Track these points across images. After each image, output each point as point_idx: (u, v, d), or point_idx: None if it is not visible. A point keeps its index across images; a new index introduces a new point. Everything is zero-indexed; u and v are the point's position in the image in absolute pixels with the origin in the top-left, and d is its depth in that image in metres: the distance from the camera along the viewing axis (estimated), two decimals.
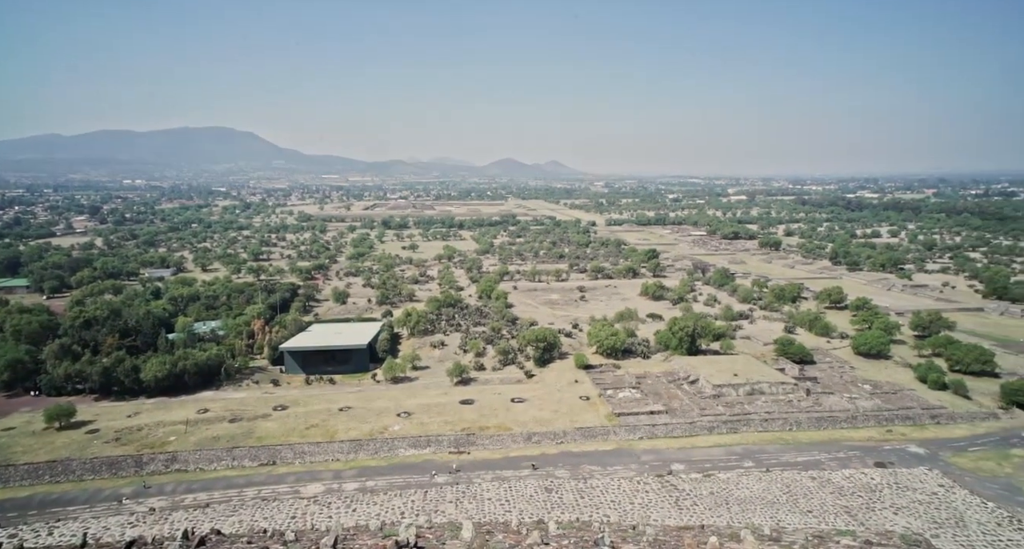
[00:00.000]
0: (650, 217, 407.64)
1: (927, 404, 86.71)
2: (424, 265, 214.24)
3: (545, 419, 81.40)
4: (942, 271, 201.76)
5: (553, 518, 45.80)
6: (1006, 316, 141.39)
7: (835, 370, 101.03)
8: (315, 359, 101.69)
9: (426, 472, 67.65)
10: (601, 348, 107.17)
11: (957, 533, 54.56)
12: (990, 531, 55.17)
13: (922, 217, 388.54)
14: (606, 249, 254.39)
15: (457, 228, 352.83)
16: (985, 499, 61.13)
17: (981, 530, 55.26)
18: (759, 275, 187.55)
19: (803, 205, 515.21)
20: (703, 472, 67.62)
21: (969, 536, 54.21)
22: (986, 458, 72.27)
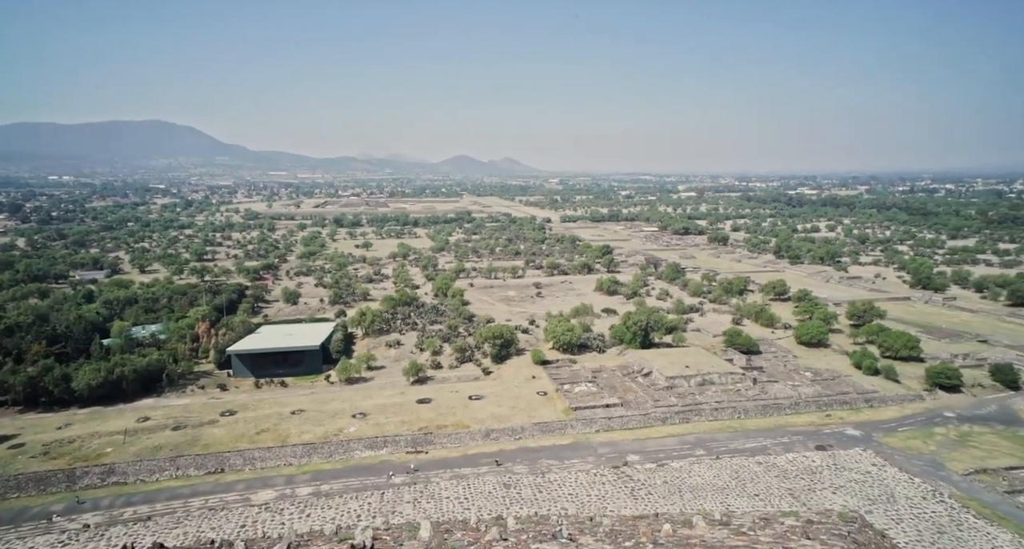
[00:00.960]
0: (604, 213, 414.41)
1: (862, 389, 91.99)
2: (378, 263, 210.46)
3: (503, 415, 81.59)
4: (874, 263, 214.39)
5: (512, 513, 45.90)
6: (930, 304, 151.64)
7: (779, 359, 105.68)
8: (265, 362, 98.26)
9: (383, 473, 66.60)
10: (558, 343, 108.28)
11: (888, 508, 58.23)
12: (916, 504, 59.19)
13: (856, 213, 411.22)
14: (561, 245, 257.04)
15: (412, 226, 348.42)
16: (912, 475, 65.49)
17: (908, 504, 59.19)
18: (708, 269, 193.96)
19: (748, 201, 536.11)
20: (657, 462, 69.46)
21: (898, 510, 57.97)
22: (913, 437, 77.38)
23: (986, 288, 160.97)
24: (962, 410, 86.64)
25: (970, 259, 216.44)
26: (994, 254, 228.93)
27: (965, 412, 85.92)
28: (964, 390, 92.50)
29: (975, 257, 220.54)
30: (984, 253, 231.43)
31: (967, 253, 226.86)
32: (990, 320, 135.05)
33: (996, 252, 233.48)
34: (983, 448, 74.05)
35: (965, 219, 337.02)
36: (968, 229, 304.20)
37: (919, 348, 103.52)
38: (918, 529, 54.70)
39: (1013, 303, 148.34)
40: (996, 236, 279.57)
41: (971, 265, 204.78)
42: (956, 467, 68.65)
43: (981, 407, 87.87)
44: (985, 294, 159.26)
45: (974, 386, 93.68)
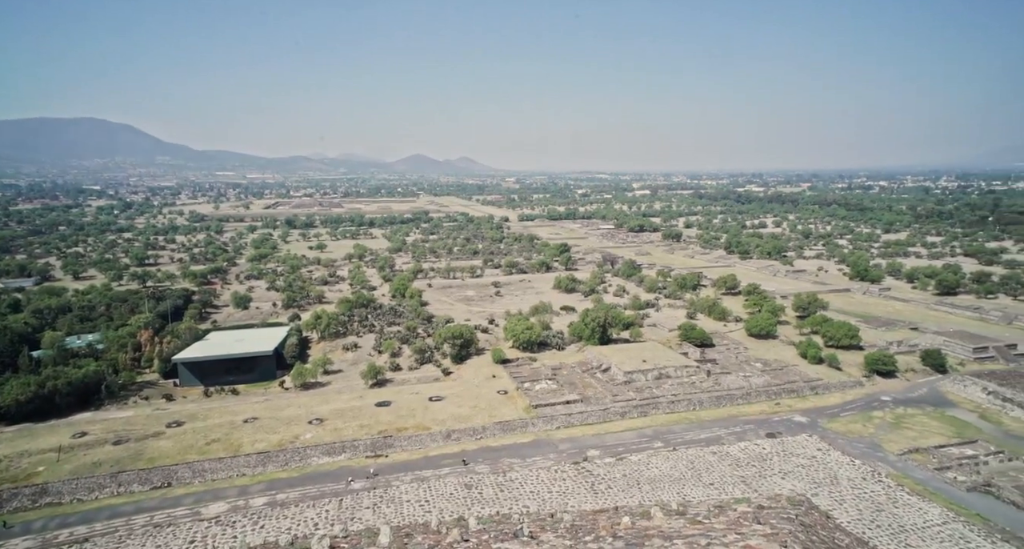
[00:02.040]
0: (561, 212, 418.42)
1: (807, 377, 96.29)
2: (333, 265, 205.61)
3: (464, 416, 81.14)
4: (817, 257, 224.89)
5: (473, 514, 45.68)
6: (867, 295, 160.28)
7: (731, 351, 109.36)
8: (215, 369, 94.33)
9: (341, 479, 65.06)
10: (517, 342, 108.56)
11: (832, 490, 61.19)
12: (857, 485, 62.45)
13: (800, 209, 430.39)
14: (519, 244, 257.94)
15: (367, 226, 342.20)
16: (853, 457, 69.05)
17: (850, 485, 62.39)
18: (663, 265, 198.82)
19: (700, 199, 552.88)
20: (616, 456, 70.60)
21: (841, 491, 61.01)
22: (854, 421, 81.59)
23: (916, 279, 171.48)
24: (897, 394, 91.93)
25: (902, 252, 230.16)
26: (923, 247, 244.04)
27: (900, 396, 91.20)
28: (899, 375, 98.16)
29: (906, 250, 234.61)
30: (914, 246, 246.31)
31: (899, 246, 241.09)
32: (920, 308, 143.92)
33: (925, 245, 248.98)
34: (916, 429, 78.82)
35: (897, 214, 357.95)
36: (900, 223, 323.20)
37: (859, 337, 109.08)
38: (859, 508, 57.71)
39: (940, 292, 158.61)
40: (924, 230, 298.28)
41: (903, 257, 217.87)
42: (892, 448, 72.80)
43: (914, 390, 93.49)
44: (916, 284, 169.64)
45: (907, 371, 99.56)
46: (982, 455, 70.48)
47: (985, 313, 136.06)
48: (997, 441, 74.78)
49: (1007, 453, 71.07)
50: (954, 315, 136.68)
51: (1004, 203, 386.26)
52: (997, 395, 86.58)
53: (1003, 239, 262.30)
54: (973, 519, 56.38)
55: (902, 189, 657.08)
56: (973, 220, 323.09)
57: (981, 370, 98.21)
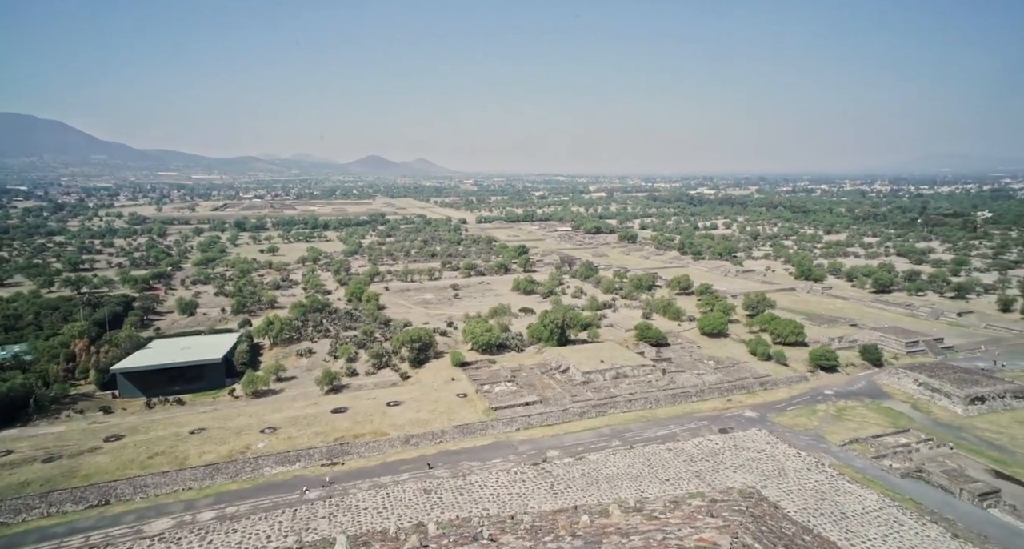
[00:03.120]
0: (519, 214, 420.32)
1: (757, 373, 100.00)
2: (286, 269, 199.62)
3: (423, 420, 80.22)
4: (765, 257, 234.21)
5: (433, 519, 45.13)
6: (811, 293, 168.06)
7: (686, 350, 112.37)
8: (158, 379, 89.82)
9: (296, 489, 63.04)
10: (476, 344, 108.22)
11: (780, 481, 63.72)
12: (803, 476, 65.27)
13: (748, 211, 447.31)
14: (478, 246, 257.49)
15: (322, 229, 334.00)
16: (799, 449, 72.13)
17: (797, 476, 65.15)
18: (619, 266, 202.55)
19: (654, 201, 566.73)
20: (575, 456, 71.29)
21: (788, 482, 63.62)
22: (800, 415, 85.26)
23: (855, 278, 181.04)
24: (839, 388, 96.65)
25: (842, 252, 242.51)
26: (861, 247, 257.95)
27: (841, 389, 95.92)
28: (840, 369, 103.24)
29: (846, 250, 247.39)
30: (853, 246, 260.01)
31: (840, 246, 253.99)
32: (859, 305, 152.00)
33: (862, 245, 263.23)
34: (856, 420, 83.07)
35: (837, 216, 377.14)
36: (840, 225, 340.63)
37: (804, 334, 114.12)
38: (804, 498, 60.32)
39: (876, 290, 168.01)
40: (861, 231, 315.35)
41: (843, 257, 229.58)
42: (834, 439, 76.46)
43: (853, 384, 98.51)
44: (854, 283, 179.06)
45: (848, 365, 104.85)
46: (914, 443, 74.93)
47: (916, 309, 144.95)
48: (927, 429, 79.67)
49: (935, 440, 75.83)
50: (889, 311, 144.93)
51: (931, 206, 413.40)
52: (927, 386, 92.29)
53: (930, 240, 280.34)
54: (906, 503, 59.86)
55: (841, 192, 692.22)
56: (904, 222, 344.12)
57: (913, 363, 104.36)
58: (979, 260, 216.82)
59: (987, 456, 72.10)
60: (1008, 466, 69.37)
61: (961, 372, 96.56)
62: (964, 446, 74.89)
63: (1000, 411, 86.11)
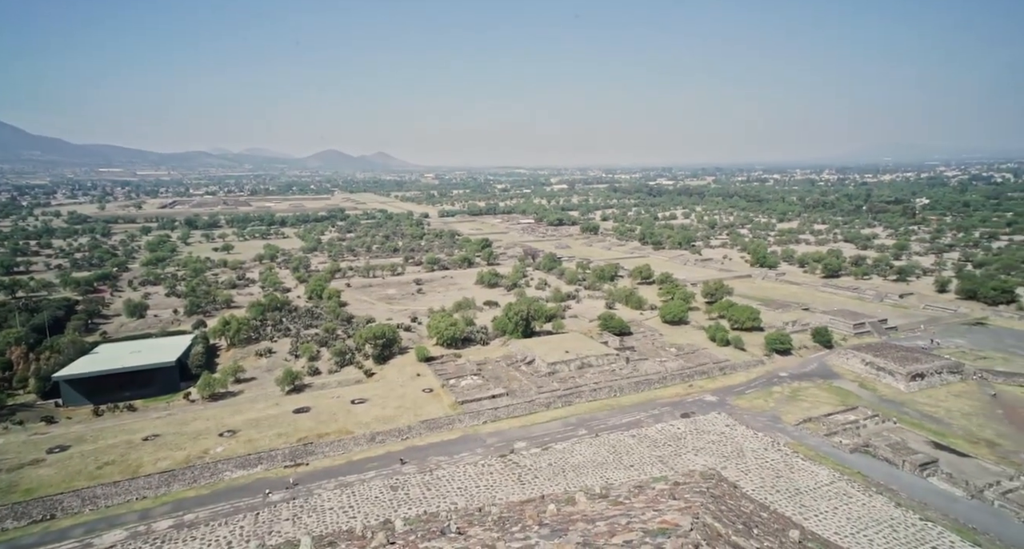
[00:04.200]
0: (481, 207, 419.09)
1: (717, 359, 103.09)
2: (242, 267, 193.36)
3: (388, 417, 79.42)
4: (722, 246, 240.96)
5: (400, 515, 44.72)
6: (767, 280, 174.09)
7: (648, 338, 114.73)
8: (106, 385, 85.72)
9: (258, 492, 61.51)
10: (441, 339, 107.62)
11: (739, 462, 66.08)
12: (760, 456, 67.86)
13: (706, 201, 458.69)
14: (441, 240, 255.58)
15: (279, 225, 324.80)
16: (756, 430, 74.92)
17: (754, 456, 67.69)
18: (582, 258, 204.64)
19: (615, 192, 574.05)
20: (542, 446, 72.01)
21: (747, 463, 66.04)
22: (757, 397, 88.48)
23: (806, 263, 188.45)
24: (793, 370, 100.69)
25: (794, 239, 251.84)
26: (811, 234, 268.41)
27: (795, 371, 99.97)
28: (794, 352, 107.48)
29: (797, 237, 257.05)
30: (804, 233, 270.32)
31: (791, 234, 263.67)
32: (810, 290, 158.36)
33: (813, 232, 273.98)
34: (809, 400, 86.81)
35: (789, 205, 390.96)
36: (791, 213, 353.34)
37: (760, 319, 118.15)
38: (761, 476, 62.75)
39: (826, 275, 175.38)
40: (812, 219, 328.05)
41: (795, 244, 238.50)
42: (789, 419, 79.73)
43: (806, 365, 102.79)
44: (806, 268, 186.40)
45: (801, 348, 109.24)
46: (861, 420, 78.90)
47: (862, 293, 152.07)
48: (873, 406, 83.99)
49: (881, 416, 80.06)
50: (838, 295, 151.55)
51: (875, 194, 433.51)
52: (872, 365, 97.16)
53: (875, 226, 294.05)
54: (855, 477, 63.06)
55: (792, 181, 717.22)
56: (851, 209, 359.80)
57: (860, 344, 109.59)
58: (918, 244, 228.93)
59: (926, 429, 76.60)
60: (945, 437, 73.90)
61: (903, 351, 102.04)
62: (906, 420, 79.32)
63: (937, 386, 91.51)
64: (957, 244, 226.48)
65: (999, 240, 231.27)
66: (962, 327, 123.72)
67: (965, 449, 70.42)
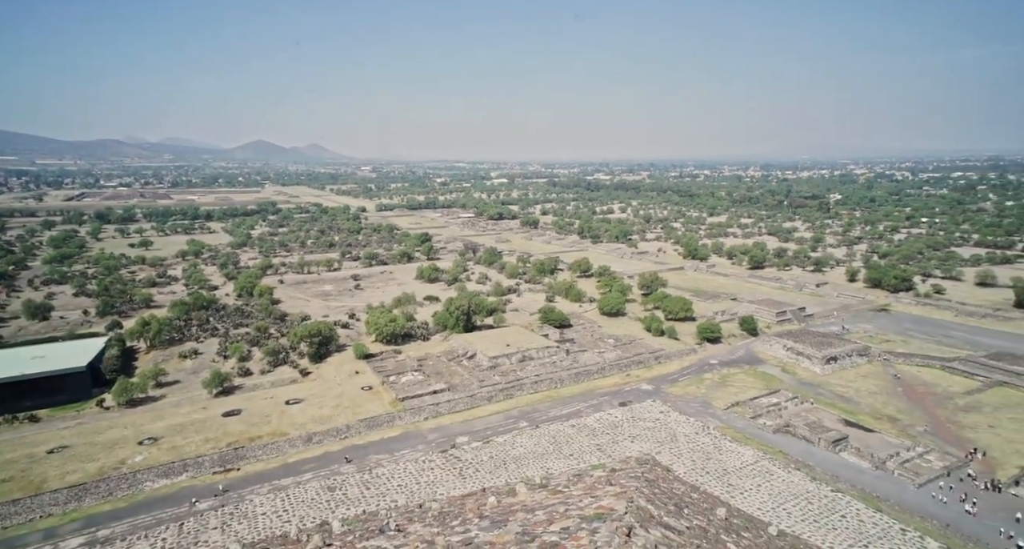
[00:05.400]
0: (420, 201, 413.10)
1: (652, 349, 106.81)
2: (163, 264, 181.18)
3: (326, 416, 77.03)
4: (657, 239, 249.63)
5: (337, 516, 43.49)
6: (698, 272, 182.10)
7: (587, 330, 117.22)
8: (2, 395, 77.98)
9: (183, 501, 58.03)
10: (381, 335, 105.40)
11: (672, 446, 68.95)
12: (692, 439, 71.11)
13: (641, 195, 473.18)
14: (379, 235, 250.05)
15: (204, 219, 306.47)
16: (688, 416, 78.40)
17: (687, 440, 70.83)
18: (523, 252, 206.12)
19: (554, 187, 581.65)
20: (484, 440, 72.13)
21: (679, 447, 69.03)
22: (690, 384, 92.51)
23: (734, 256, 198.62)
24: (722, 357, 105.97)
25: (723, 232, 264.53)
26: (738, 228, 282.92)
27: (724, 358, 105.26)
28: (723, 340, 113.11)
29: (726, 230, 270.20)
30: (732, 227, 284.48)
31: (720, 227, 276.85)
32: (737, 281, 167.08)
33: (740, 226, 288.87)
34: (737, 385, 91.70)
35: (718, 200, 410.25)
36: (720, 207, 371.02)
37: (692, 310, 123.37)
38: (693, 459, 65.80)
39: (752, 266, 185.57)
40: (739, 213, 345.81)
41: (724, 237, 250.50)
42: (719, 404, 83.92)
43: (734, 353, 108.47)
44: (734, 260, 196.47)
45: (729, 336, 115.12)
46: (783, 402, 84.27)
47: (784, 283, 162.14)
48: (793, 389, 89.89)
49: (800, 398, 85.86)
50: (762, 285, 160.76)
51: (794, 190, 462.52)
52: (793, 350, 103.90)
53: (795, 220, 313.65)
54: (776, 456, 67.33)
55: (721, 177, 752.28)
56: (773, 204, 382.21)
57: (782, 331, 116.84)
58: (832, 237, 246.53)
59: (839, 408, 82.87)
60: (854, 415, 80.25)
61: (819, 336, 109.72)
62: (822, 401, 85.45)
63: (848, 368, 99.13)
64: (865, 237, 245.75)
65: (900, 233, 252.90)
66: (869, 313, 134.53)
67: (871, 425, 76.72)
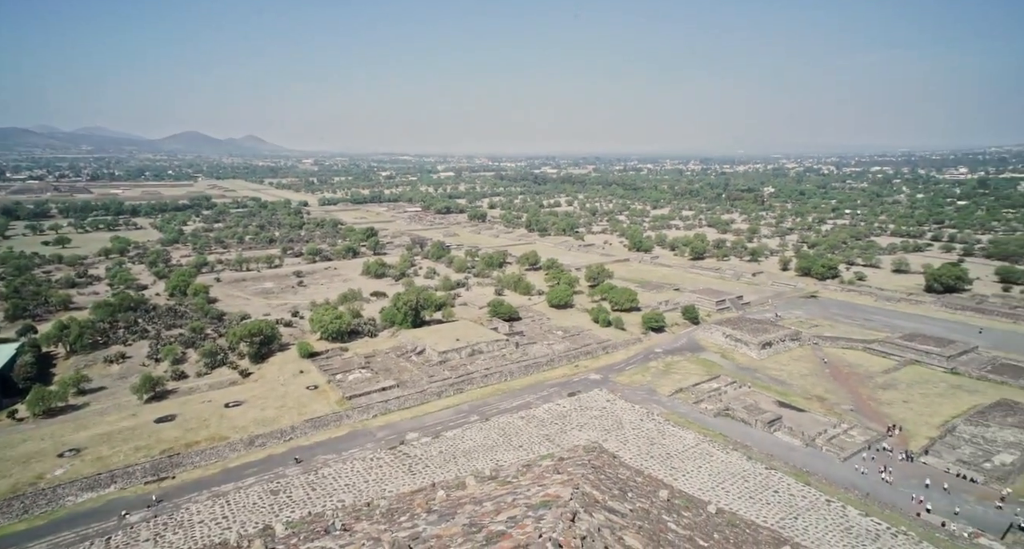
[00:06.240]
0: (365, 195, 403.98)
1: (600, 339, 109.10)
2: (83, 263, 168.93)
3: (269, 418, 74.35)
4: (603, 232, 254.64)
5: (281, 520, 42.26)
6: (643, 263, 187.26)
7: (536, 322, 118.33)
8: None
9: (112, 515, 54.63)
10: (326, 333, 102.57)
11: (618, 434, 70.89)
12: (637, 426, 73.34)
13: (587, 189, 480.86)
14: (322, 230, 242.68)
15: (129, 215, 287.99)
16: (634, 403, 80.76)
17: (632, 427, 73.00)
18: (471, 245, 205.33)
19: (501, 180, 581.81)
20: (434, 435, 71.71)
21: (625, 433, 71.06)
22: (636, 373, 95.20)
23: (676, 247, 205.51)
24: (666, 345, 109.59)
25: (666, 224, 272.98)
26: (680, 220, 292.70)
27: (668, 347, 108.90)
28: (667, 329, 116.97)
29: (669, 223, 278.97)
30: (674, 219, 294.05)
31: (664, 220, 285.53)
32: (680, 272, 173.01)
33: (681, 218, 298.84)
34: (680, 373, 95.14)
35: (661, 193, 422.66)
36: (663, 200, 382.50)
37: (637, 300, 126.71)
38: (638, 445, 67.92)
39: (693, 257, 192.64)
40: (680, 205, 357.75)
41: (667, 229, 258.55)
42: (664, 391, 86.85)
43: (677, 341, 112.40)
44: (676, 252, 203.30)
45: (673, 325, 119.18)
46: (723, 387, 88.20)
47: (723, 273, 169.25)
48: (732, 374, 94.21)
49: (738, 382, 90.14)
50: (703, 275, 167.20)
51: (732, 183, 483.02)
52: (731, 337, 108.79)
53: (732, 212, 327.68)
54: (716, 438, 70.49)
55: (663, 171, 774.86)
56: (713, 197, 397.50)
57: (721, 319, 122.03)
58: (766, 228, 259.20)
59: (774, 390, 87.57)
60: (788, 396, 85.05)
61: (755, 323, 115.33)
62: (758, 384, 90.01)
63: (782, 352, 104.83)
64: (796, 228, 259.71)
65: (826, 224, 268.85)
66: (800, 300, 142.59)
67: (803, 405, 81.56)
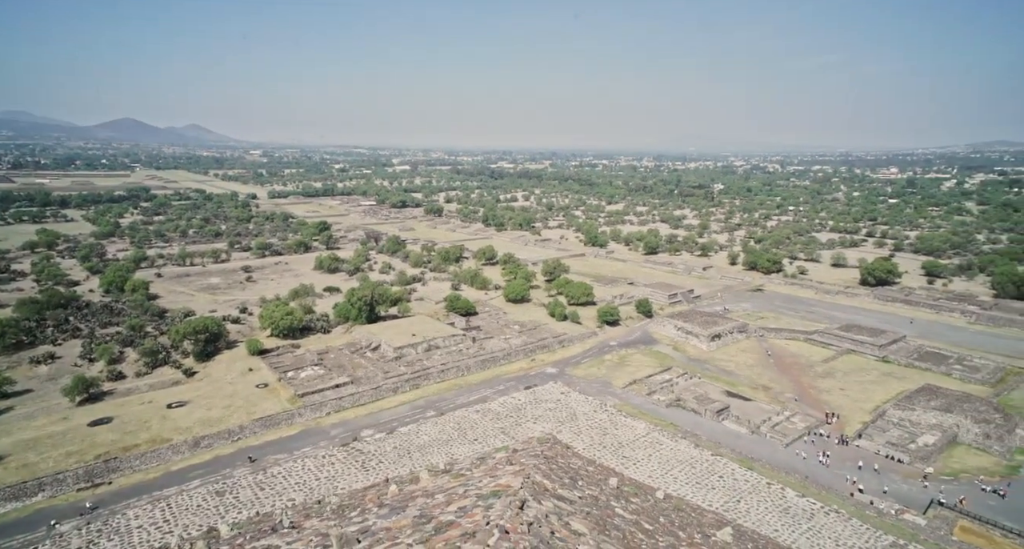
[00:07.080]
0: (317, 188, 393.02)
1: (556, 333, 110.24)
2: (5, 258, 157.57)
3: (215, 418, 71.63)
4: (559, 227, 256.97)
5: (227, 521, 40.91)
6: (598, 258, 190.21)
7: (493, 317, 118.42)
8: None
9: (40, 525, 51.44)
10: (277, 330, 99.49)
11: (572, 425, 71.97)
12: (591, 417, 74.66)
13: (544, 184, 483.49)
14: (272, 224, 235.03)
15: (58, 206, 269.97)
16: (588, 395, 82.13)
17: (586, 419, 74.27)
18: (427, 240, 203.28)
19: (458, 174, 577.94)
20: (388, 431, 70.85)
21: (579, 425, 72.24)
22: (591, 366, 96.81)
23: (631, 242, 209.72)
24: (621, 339, 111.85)
25: (620, 220, 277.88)
26: (634, 215, 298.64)
27: (623, 340, 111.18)
28: (621, 323, 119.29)
29: (623, 218, 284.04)
30: (628, 215, 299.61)
31: (618, 215, 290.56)
32: (634, 266, 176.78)
33: (635, 214, 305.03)
34: (634, 365, 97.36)
35: (615, 189, 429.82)
36: (618, 196, 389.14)
37: (593, 294, 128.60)
38: (591, 435, 69.19)
39: (647, 252, 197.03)
40: (635, 201, 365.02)
41: (621, 224, 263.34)
42: (618, 383, 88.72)
43: (632, 334, 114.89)
44: (630, 247, 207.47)
45: (627, 319, 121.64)
46: (675, 378, 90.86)
47: (675, 267, 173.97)
48: (684, 365, 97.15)
49: (689, 373, 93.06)
50: (656, 270, 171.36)
51: (684, 180, 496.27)
52: (683, 330, 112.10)
53: (684, 208, 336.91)
54: (667, 427, 72.63)
55: (618, 167, 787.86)
56: (665, 193, 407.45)
57: (673, 312, 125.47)
58: (716, 224, 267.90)
59: (722, 381, 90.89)
60: (735, 386, 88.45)
61: (705, 316, 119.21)
62: (708, 375, 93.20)
63: (730, 344, 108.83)
64: (743, 223, 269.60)
65: (772, 220, 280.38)
66: (747, 293, 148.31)
67: (749, 394, 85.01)
